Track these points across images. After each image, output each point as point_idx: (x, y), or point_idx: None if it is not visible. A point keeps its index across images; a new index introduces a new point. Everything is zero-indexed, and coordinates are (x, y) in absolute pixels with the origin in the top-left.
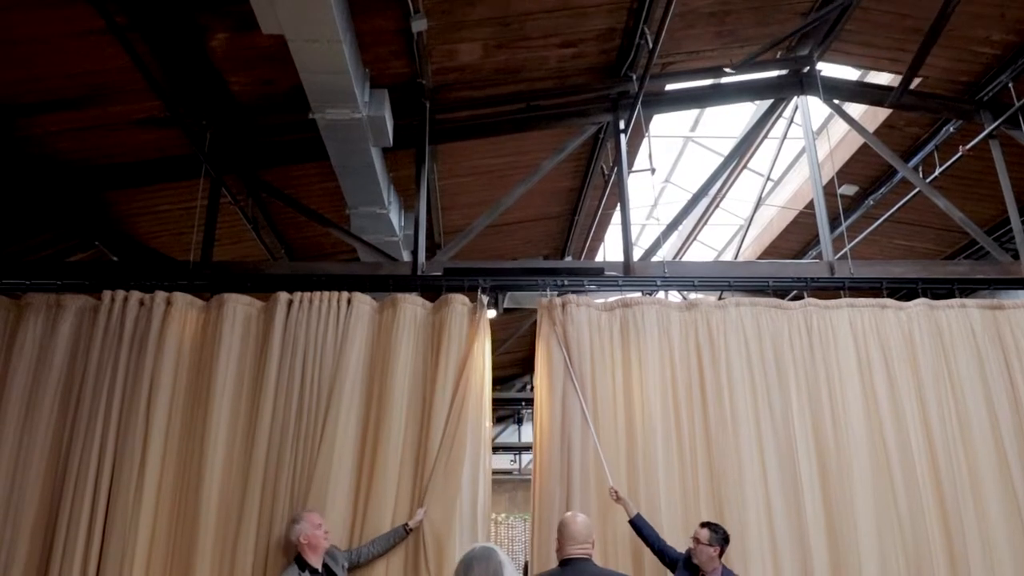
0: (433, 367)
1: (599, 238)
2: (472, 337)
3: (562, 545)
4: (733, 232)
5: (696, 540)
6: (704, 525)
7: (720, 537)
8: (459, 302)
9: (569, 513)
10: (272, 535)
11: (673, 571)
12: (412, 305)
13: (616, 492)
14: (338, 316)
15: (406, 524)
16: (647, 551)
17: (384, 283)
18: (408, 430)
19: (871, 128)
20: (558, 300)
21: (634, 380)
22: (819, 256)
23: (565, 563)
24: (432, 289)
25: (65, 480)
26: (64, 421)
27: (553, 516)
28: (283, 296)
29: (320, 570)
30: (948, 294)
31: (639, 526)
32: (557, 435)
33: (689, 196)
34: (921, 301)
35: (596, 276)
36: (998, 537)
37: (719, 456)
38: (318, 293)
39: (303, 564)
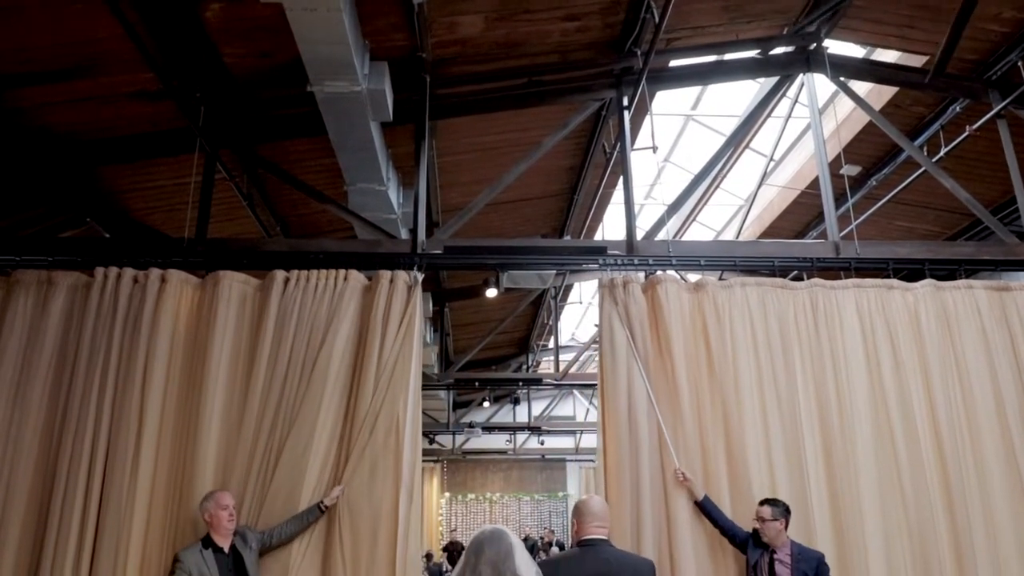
0: (365, 345)
1: (598, 218)
2: (401, 315)
3: (581, 525)
4: (732, 212)
5: (761, 519)
6: (764, 503)
7: (782, 510)
8: (401, 279)
9: (585, 496)
10: (265, 512)
11: (743, 551)
12: (394, 282)
13: (683, 474)
14: (334, 294)
15: (321, 502)
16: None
17: (383, 261)
18: (336, 408)
19: (876, 107)
20: (619, 279)
21: (694, 358)
22: (821, 236)
23: (583, 544)
24: (432, 267)
25: (59, 459)
26: (57, 399)
27: (624, 497)
28: (279, 274)
29: (227, 550)
30: (951, 275)
31: (707, 508)
32: (624, 416)
33: (688, 176)
34: (927, 282)
35: (599, 255)
36: (1002, 517)
37: (724, 436)
38: (315, 271)
39: (208, 542)
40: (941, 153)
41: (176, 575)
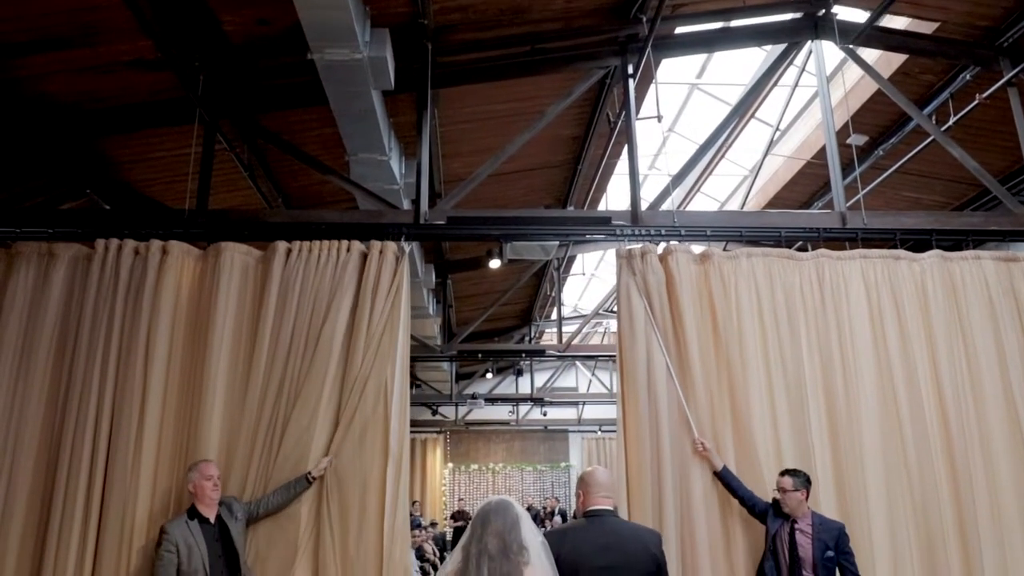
0: (357, 314)
1: (602, 188)
2: (389, 285)
3: (587, 496)
4: (737, 183)
5: (782, 489)
6: (785, 473)
7: (803, 480)
8: (391, 250)
9: (589, 467)
10: (272, 484)
11: (763, 522)
12: (383, 252)
13: (703, 444)
14: (336, 265)
15: (308, 473)
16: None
17: (385, 232)
18: (331, 379)
19: (885, 75)
20: (637, 249)
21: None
22: (826, 207)
23: (590, 515)
24: (434, 238)
25: (63, 431)
26: (60, 371)
27: (645, 468)
28: (281, 245)
29: (213, 521)
30: (958, 246)
31: (726, 478)
32: (643, 386)
33: (693, 145)
34: (935, 252)
35: (603, 226)
36: (1006, 487)
37: (730, 406)
38: (317, 242)
39: (193, 513)
40: (950, 122)
41: (163, 547)
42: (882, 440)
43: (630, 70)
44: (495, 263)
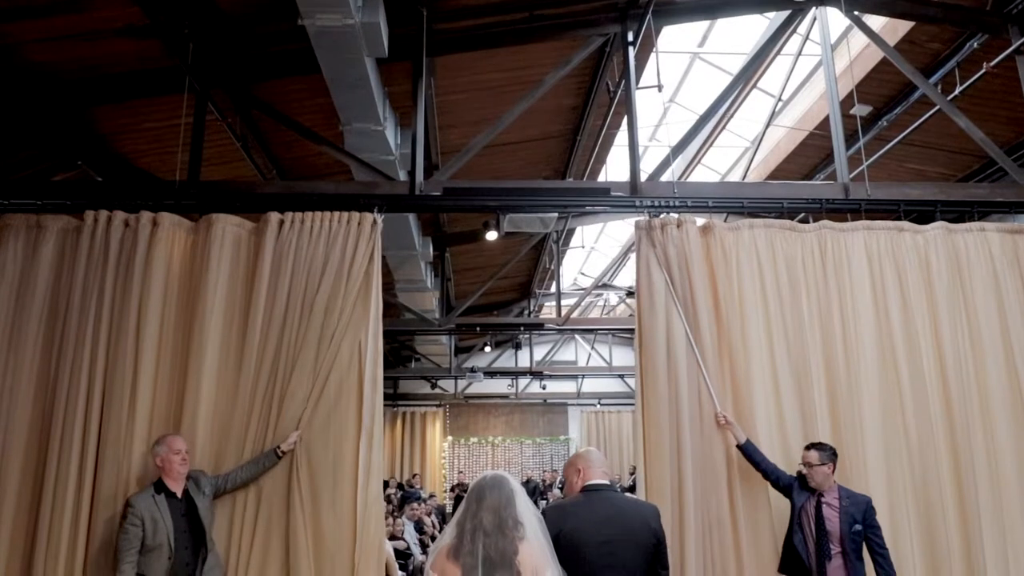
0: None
1: (601, 160)
2: (365, 254)
3: (586, 471)
4: (738, 154)
5: (808, 464)
6: (811, 447)
7: (829, 454)
8: (368, 220)
9: (582, 448)
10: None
11: (787, 495)
12: (361, 224)
13: (725, 417)
14: (328, 236)
15: (278, 447)
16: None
17: (381, 203)
18: (307, 349)
19: (890, 43)
20: (657, 220)
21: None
22: (828, 179)
23: (589, 490)
24: (429, 209)
25: (55, 404)
26: (51, 344)
27: (664, 442)
28: (274, 216)
29: (180, 496)
30: (962, 218)
31: (749, 452)
32: (662, 359)
33: (694, 116)
34: (939, 224)
35: (602, 197)
36: (1006, 464)
37: (731, 379)
38: (310, 213)
39: (160, 487)
40: (956, 91)
41: (128, 520)
42: (882, 412)
43: (630, 37)
44: (492, 235)
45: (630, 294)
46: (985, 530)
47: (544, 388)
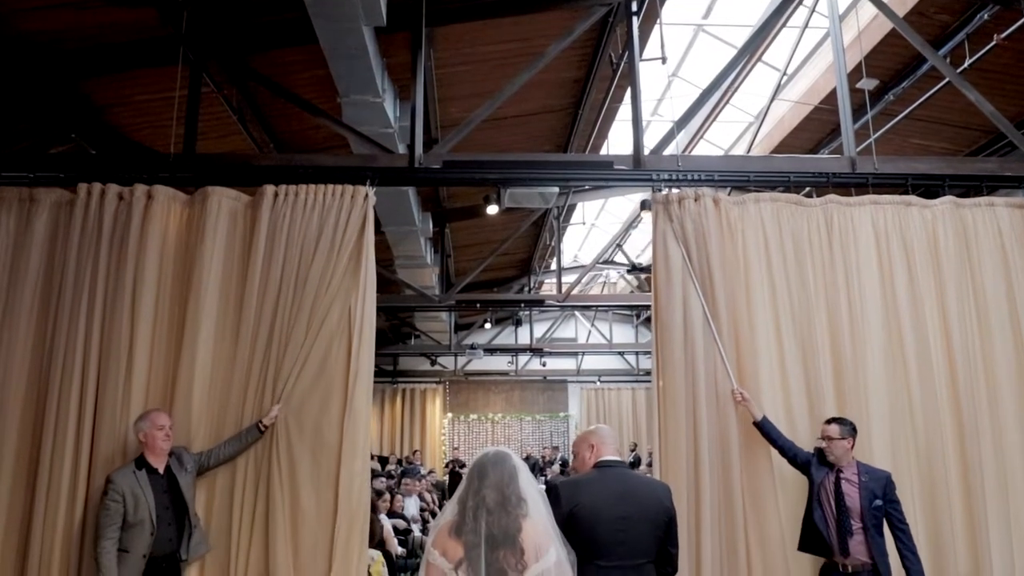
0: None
1: (603, 135)
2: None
3: (597, 448)
4: (741, 129)
5: (828, 437)
6: (831, 421)
7: (849, 429)
8: (360, 195)
9: (593, 426)
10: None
11: (805, 473)
12: (355, 197)
13: (742, 394)
14: (322, 210)
15: (260, 422)
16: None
17: (379, 176)
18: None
19: (899, 14)
20: (674, 195)
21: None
22: (834, 154)
23: (602, 466)
24: (429, 183)
25: (50, 379)
26: (46, 319)
27: (680, 419)
28: (269, 189)
29: (162, 472)
30: (967, 193)
31: (765, 429)
32: (679, 335)
33: (696, 91)
34: (947, 199)
35: (605, 170)
36: (1012, 440)
37: (736, 354)
38: (304, 186)
39: (142, 463)
40: (966, 64)
41: (108, 496)
42: (887, 387)
43: (633, 7)
44: (492, 209)
45: (631, 271)
46: (990, 507)
47: (544, 365)
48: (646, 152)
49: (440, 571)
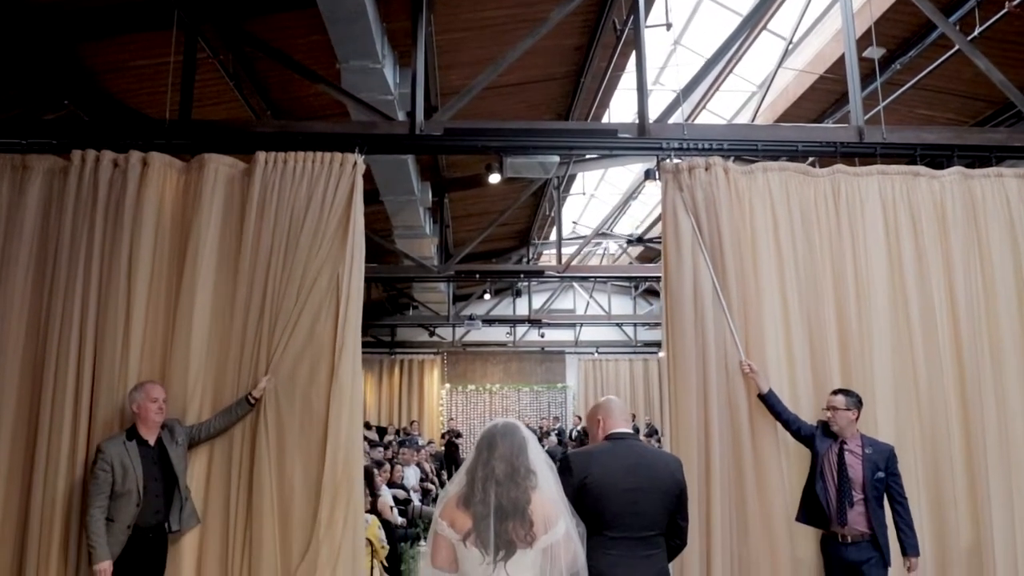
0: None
1: (605, 103)
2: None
3: (608, 420)
4: (743, 99)
5: (833, 408)
6: (838, 392)
7: (855, 401)
8: (349, 162)
9: (603, 397)
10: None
11: (808, 446)
12: (343, 165)
13: (750, 366)
14: (312, 178)
15: (249, 394)
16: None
17: (379, 143)
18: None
19: None
20: (684, 163)
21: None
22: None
23: (614, 438)
24: (430, 150)
25: (47, 345)
26: (41, 286)
27: (691, 390)
28: (262, 155)
29: (152, 443)
30: (971, 164)
31: (771, 402)
32: (689, 306)
33: (700, 59)
34: (955, 169)
35: (608, 138)
36: (1015, 413)
37: (744, 325)
38: (292, 154)
39: (132, 434)
40: (976, 32)
41: (98, 465)
42: (893, 358)
43: None
44: (495, 178)
45: (630, 242)
46: (992, 480)
47: (542, 336)
48: (651, 121)
49: (448, 542)
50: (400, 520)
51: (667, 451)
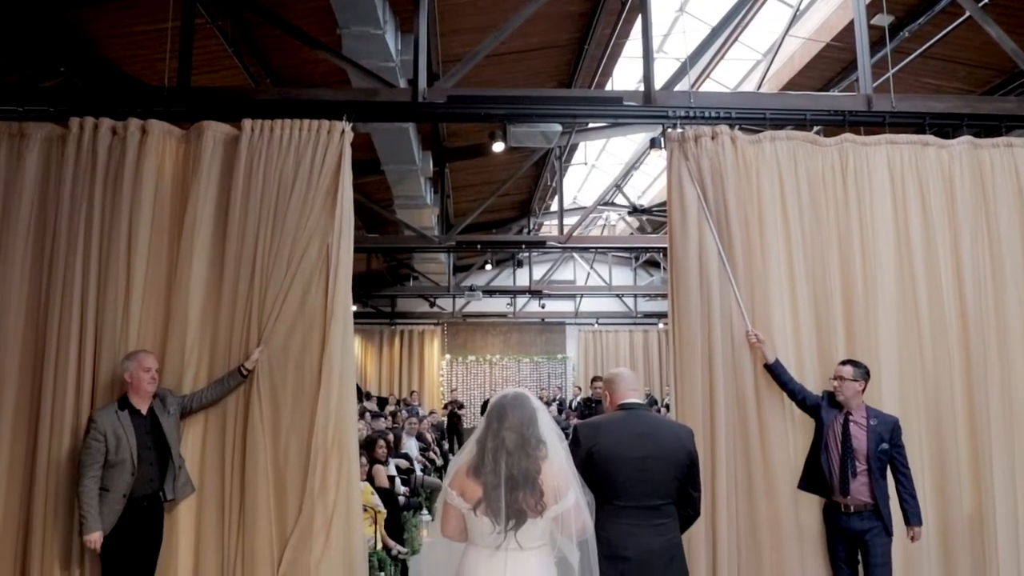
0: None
1: (608, 72)
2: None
3: (618, 391)
4: (748, 68)
5: (841, 378)
6: (846, 362)
7: (863, 372)
8: (337, 130)
9: (616, 368)
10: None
11: (813, 416)
12: (331, 132)
13: (757, 335)
14: (299, 146)
15: (242, 366)
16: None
17: (382, 111)
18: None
19: None
20: (690, 132)
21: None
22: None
23: (624, 408)
24: (432, 119)
25: (48, 314)
26: (41, 255)
27: (696, 360)
28: (247, 123)
29: (145, 413)
30: (979, 133)
31: (777, 371)
32: (695, 277)
33: (704, 27)
34: (964, 139)
35: (614, 106)
36: (1020, 386)
37: (750, 295)
38: (279, 121)
39: (124, 403)
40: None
41: (90, 435)
42: (898, 330)
43: None
44: (499, 146)
45: (632, 212)
46: (995, 451)
47: (543, 307)
48: (656, 88)
49: (458, 511)
50: (403, 489)
51: (678, 422)
